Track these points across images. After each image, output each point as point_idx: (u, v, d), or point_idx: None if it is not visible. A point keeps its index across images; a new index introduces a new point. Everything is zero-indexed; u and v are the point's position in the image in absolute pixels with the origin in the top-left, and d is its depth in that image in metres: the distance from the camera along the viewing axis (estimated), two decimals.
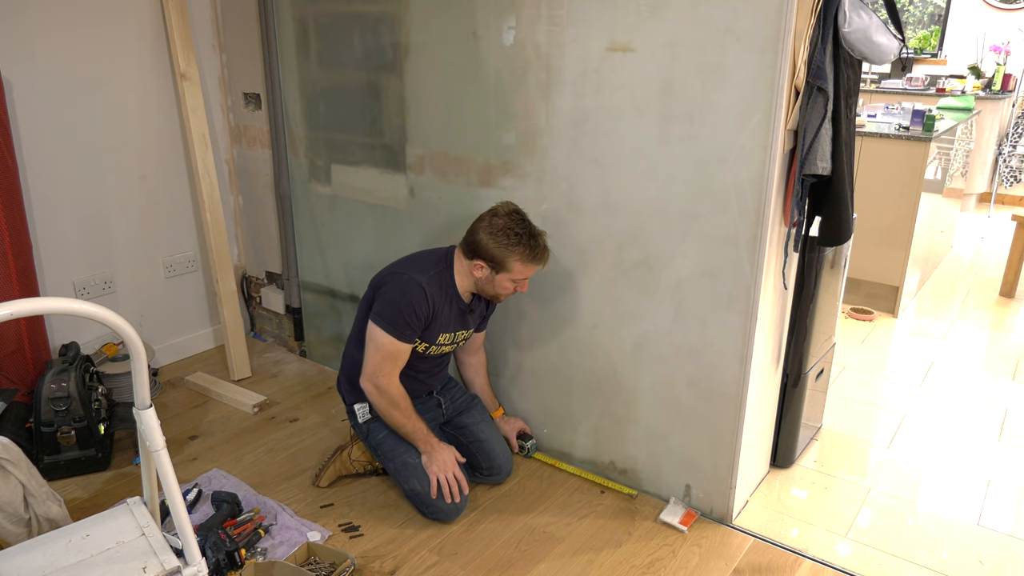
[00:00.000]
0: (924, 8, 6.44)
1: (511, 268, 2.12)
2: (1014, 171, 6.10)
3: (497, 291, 2.20)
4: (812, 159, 1.96)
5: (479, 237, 2.11)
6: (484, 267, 2.14)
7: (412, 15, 2.47)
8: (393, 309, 2.13)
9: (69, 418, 2.42)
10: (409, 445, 2.27)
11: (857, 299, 4.00)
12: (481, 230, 2.12)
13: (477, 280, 2.19)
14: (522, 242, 2.10)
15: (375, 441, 2.32)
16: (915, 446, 2.73)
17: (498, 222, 2.10)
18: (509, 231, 2.09)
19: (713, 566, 2.10)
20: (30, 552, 1.56)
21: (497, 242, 2.09)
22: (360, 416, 2.32)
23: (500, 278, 2.15)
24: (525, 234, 2.10)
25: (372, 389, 2.19)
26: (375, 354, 2.16)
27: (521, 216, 2.14)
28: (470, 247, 2.15)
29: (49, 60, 2.67)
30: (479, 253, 2.12)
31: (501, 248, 2.09)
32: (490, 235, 2.10)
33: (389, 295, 2.15)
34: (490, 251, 2.10)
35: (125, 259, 3.06)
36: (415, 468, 2.24)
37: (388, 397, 2.18)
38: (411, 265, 2.21)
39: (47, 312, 1.31)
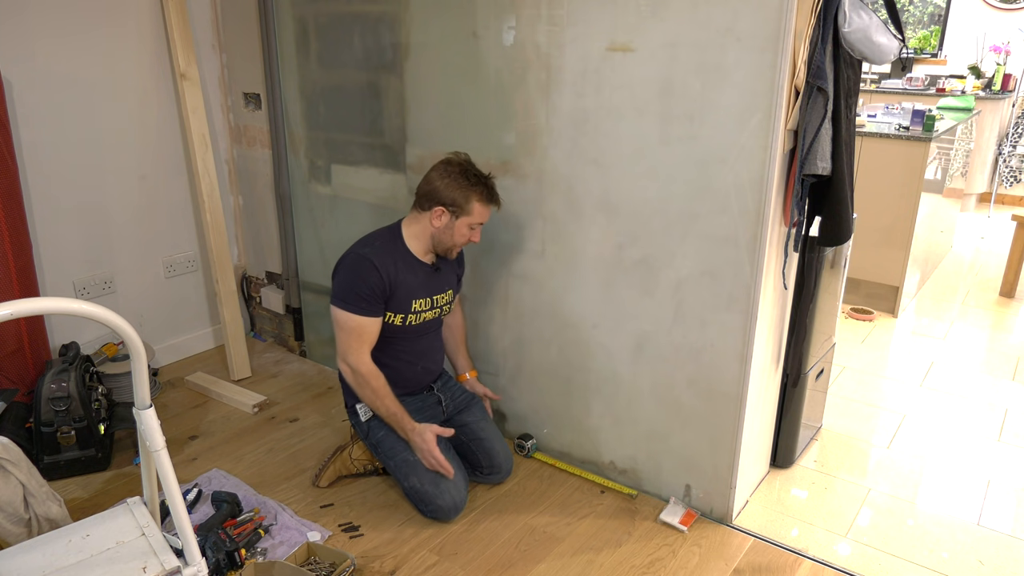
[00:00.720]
0: (924, 8, 6.44)
1: (471, 210, 2.18)
2: (1014, 171, 6.10)
3: (455, 240, 2.23)
4: (812, 159, 1.96)
5: (436, 185, 2.17)
6: (444, 213, 2.18)
7: (412, 15, 2.47)
8: (344, 286, 2.18)
9: (69, 418, 2.42)
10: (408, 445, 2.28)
11: (857, 299, 4.00)
12: (437, 178, 2.17)
13: (435, 232, 2.22)
14: (480, 182, 2.18)
15: (375, 439, 2.32)
16: (915, 446, 2.73)
17: (454, 168, 2.16)
18: (467, 173, 2.16)
19: (713, 566, 2.10)
20: (30, 552, 1.56)
21: (457, 184, 2.15)
22: (362, 415, 2.33)
23: (459, 223, 2.19)
24: (481, 175, 2.19)
25: (346, 368, 2.23)
26: (339, 333, 2.21)
27: (472, 163, 2.21)
28: (427, 196, 2.19)
29: (49, 60, 2.67)
30: (438, 199, 2.17)
31: (462, 190, 2.15)
32: (449, 180, 2.15)
33: (340, 275, 2.21)
34: (451, 194, 2.15)
35: (125, 259, 3.06)
36: (414, 465, 2.24)
37: (360, 376, 2.21)
38: (358, 243, 2.26)
39: (47, 312, 1.31)
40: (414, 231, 2.26)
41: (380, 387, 2.23)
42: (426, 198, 2.20)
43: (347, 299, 2.18)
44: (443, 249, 2.27)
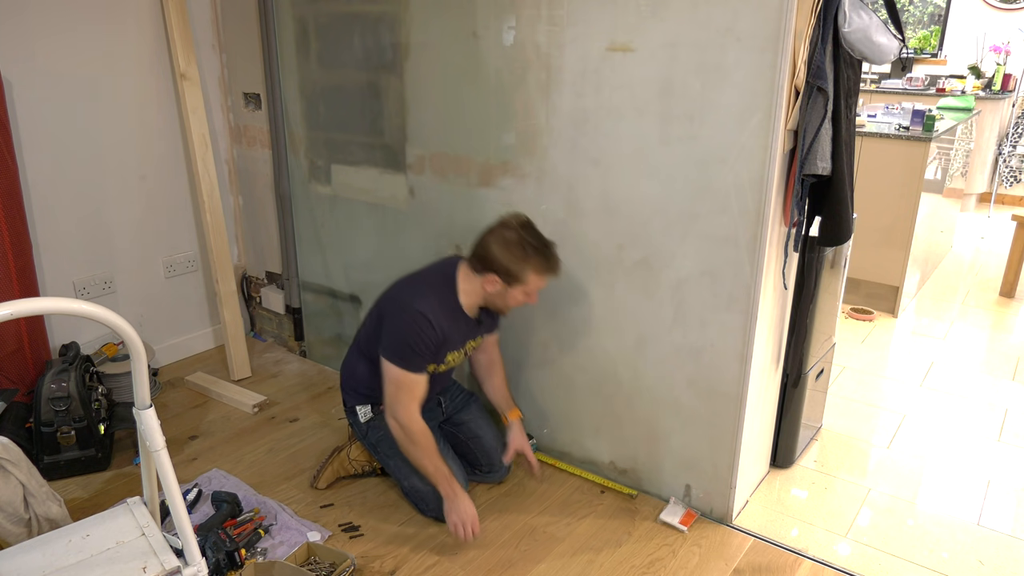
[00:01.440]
0: (924, 8, 6.44)
1: (526, 280, 2.07)
2: (1014, 171, 6.10)
3: (508, 304, 2.15)
4: (812, 159, 1.96)
5: (492, 252, 2.05)
6: (498, 281, 2.08)
7: (412, 15, 2.47)
8: (400, 343, 2.08)
9: (69, 418, 2.42)
10: None
11: (857, 299, 4.00)
12: (493, 244, 2.06)
13: (488, 295, 2.13)
14: (537, 254, 2.05)
15: (375, 439, 2.31)
16: (915, 446, 2.73)
17: (511, 235, 2.04)
18: (524, 243, 2.04)
19: (713, 566, 2.10)
20: (30, 552, 1.56)
21: (512, 255, 2.03)
22: (362, 416, 2.31)
23: (513, 291, 2.09)
24: (539, 246, 2.06)
25: (394, 424, 2.13)
26: (390, 386, 2.11)
27: (532, 227, 2.09)
28: (481, 262, 2.08)
29: (49, 60, 2.67)
30: (492, 267, 2.06)
31: (516, 261, 2.04)
32: (504, 248, 2.04)
33: (395, 328, 2.09)
34: (504, 265, 2.04)
35: (125, 259, 3.06)
36: None
37: (408, 433, 2.11)
38: (413, 290, 2.14)
39: (47, 312, 1.31)
40: (467, 288, 2.14)
41: (429, 446, 2.13)
42: (480, 262, 2.08)
43: (403, 356, 2.07)
44: (495, 308, 2.21)
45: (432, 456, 2.13)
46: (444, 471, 2.13)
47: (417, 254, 2.75)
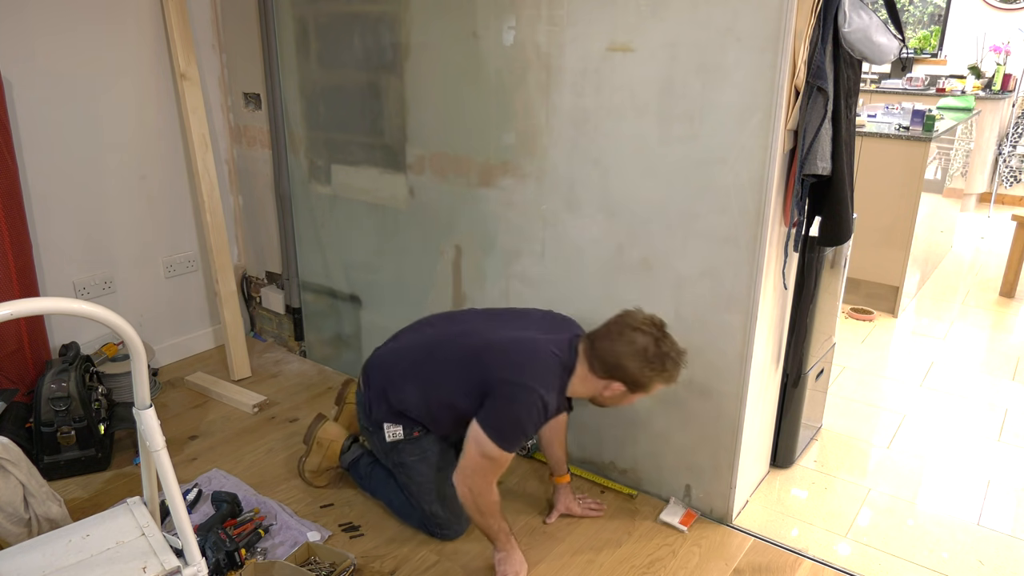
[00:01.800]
0: (924, 8, 6.44)
1: (649, 390, 1.95)
2: (1014, 171, 6.10)
3: (621, 405, 2.03)
4: (812, 159, 1.96)
5: (623, 362, 1.89)
6: (622, 389, 1.94)
7: (412, 15, 2.47)
8: (513, 425, 1.92)
9: (69, 418, 2.42)
10: (442, 475, 2.14)
11: (857, 299, 4.00)
12: (626, 354, 1.89)
13: (602, 398, 1.99)
14: (669, 368, 1.91)
15: (399, 460, 2.17)
16: (915, 446, 2.73)
17: (646, 344, 1.88)
18: (662, 357, 1.89)
19: (713, 566, 2.10)
20: (30, 552, 1.56)
21: (648, 367, 1.89)
22: (389, 435, 2.13)
23: (632, 397, 1.98)
24: (676, 356, 1.92)
25: (466, 492, 1.97)
26: (479, 459, 1.93)
27: (665, 334, 1.93)
28: (608, 369, 1.92)
29: (49, 60, 2.67)
30: (620, 377, 1.92)
31: (652, 373, 1.90)
32: (638, 360, 1.88)
33: (511, 408, 1.92)
34: (635, 377, 1.90)
35: (125, 259, 3.06)
36: (443, 495, 2.15)
37: (480, 505, 1.98)
38: (535, 371, 1.93)
39: (47, 312, 1.31)
40: (579, 387, 1.99)
41: (496, 511, 2.01)
42: (604, 367, 1.92)
43: (509, 439, 1.91)
44: (600, 404, 2.05)
45: (496, 518, 2.01)
46: (505, 528, 2.04)
47: (417, 254, 2.75)
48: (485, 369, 1.97)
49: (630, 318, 1.94)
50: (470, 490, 1.97)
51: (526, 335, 2.03)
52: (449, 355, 2.07)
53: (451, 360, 2.05)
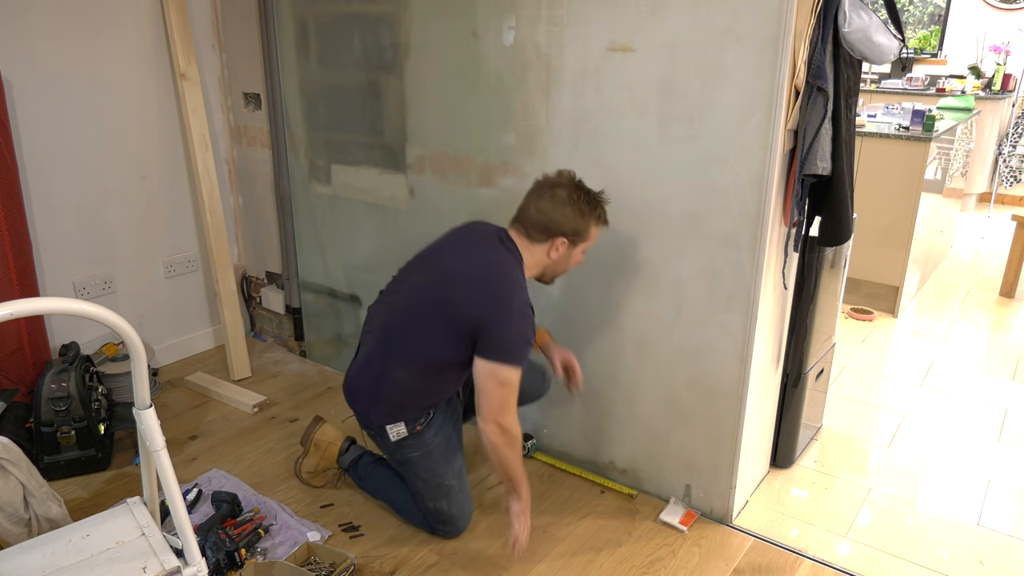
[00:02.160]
0: (924, 8, 6.44)
1: (589, 236, 2.02)
2: (1014, 171, 6.10)
3: (568, 267, 2.06)
4: (812, 159, 1.96)
5: (554, 216, 1.96)
6: (565, 243, 1.99)
7: (412, 15, 2.47)
8: (519, 342, 1.93)
9: (69, 418, 2.42)
10: (448, 467, 2.13)
11: (857, 299, 4.00)
12: (553, 208, 1.96)
13: (550, 263, 2.03)
14: (597, 205, 2.00)
15: (405, 457, 2.12)
16: (915, 446, 2.73)
17: (565, 193, 1.96)
18: (583, 199, 1.97)
19: (713, 566, 2.10)
20: (30, 552, 1.56)
21: (577, 212, 1.96)
22: (393, 435, 2.09)
23: (576, 251, 2.03)
24: (595, 197, 2.00)
25: (496, 430, 1.93)
26: (500, 392, 1.91)
27: (582, 183, 2.01)
28: (545, 229, 1.97)
29: (49, 60, 2.67)
30: (559, 231, 1.97)
31: (581, 218, 1.97)
32: (566, 208, 1.95)
33: (510, 331, 1.92)
34: (572, 224, 1.97)
35: (125, 259, 3.06)
36: (449, 490, 2.13)
37: (511, 437, 1.95)
38: (501, 281, 1.95)
39: (47, 312, 1.31)
40: (529, 261, 2.02)
41: (520, 445, 2.00)
42: (541, 229, 1.98)
43: (520, 354, 1.92)
44: (549, 277, 2.10)
45: (519, 462, 2.00)
46: (525, 474, 2.03)
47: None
48: (460, 310, 1.93)
49: (544, 180, 2.01)
50: (499, 426, 1.93)
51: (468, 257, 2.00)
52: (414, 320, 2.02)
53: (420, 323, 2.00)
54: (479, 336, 1.92)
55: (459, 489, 2.17)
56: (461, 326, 1.93)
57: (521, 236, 2.01)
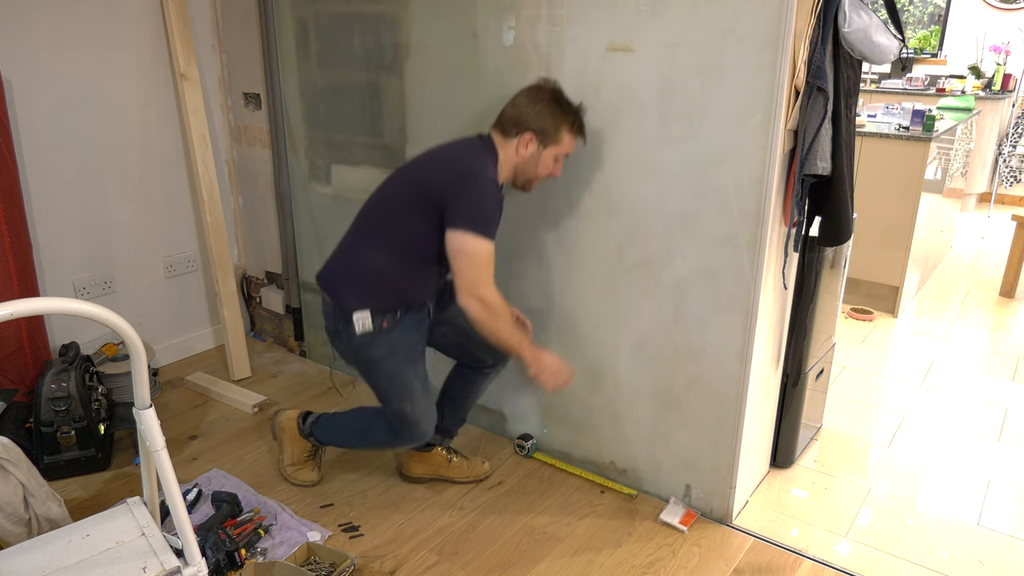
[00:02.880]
0: (924, 8, 6.44)
1: (560, 140, 2.03)
2: (1014, 171, 6.10)
3: (538, 171, 2.07)
4: (812, 159, 1.96)
5: (525, 110, 2.00)
6: (533, 141, 2.01)
7: (412, 15, 2.47)
8: (483, 213, 1.96)
9: (69, 418, 2.42)
10: (412, 368, 2.12)
11: (857, 299, 4.00)
12: (526, 103, 2.00)
13: (520, 162, 2.04)
14: (572, 110, 2.03)
15: (370, 355, 2.10)
16: (915, 446, 2.73)
17: (543, 94, 2.01)
18: (559, 100, 2.01)
19: (713, 566, 2.10)
20: (30, 552, 1.56)
21: (549, 111, 1.99)
22: (359, 326, 2.06)
23: (547, 153, 2.04)
24: (573, 105, 2.04)
25: (476, 304, 1.97)
26: (472, 266, 1.95)
27: (562, 91, 2.05)
28: (514, 122, 2.01)
29: (49, 60, 2.67)
30: (528, 126, 2.00)
31: (553, 117, 2.00)
32: (540, 104, 1.99)
33: (474, 199, 1.95)
34: (541, 121, 1.99)
35: (125, 259, 3.06)
36: (412, 390, 2.12)
37: (494, 309, 1.98)
38: (470, 160, 2.00)
39: (47, 312, 1.31)
40: (502, 156, 2.05)
41: (508, 315, 2.03)
42: (513, 124, 2.01)
43: (486, 227, 1.94)
44: (522, 181, 2.10)
45: (511, 322, 2.03)
46: (526, 338, 2.06)
47: None
48: (430, 185, 1.99)
49: (529, 85, 2.06)
50: (480, 300, 1.97)
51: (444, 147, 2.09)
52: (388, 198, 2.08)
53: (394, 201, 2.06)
54: (446, 207, 1.96)
55: (422, 391, 2.14)
56: (430, 198, 1.98)
57: (497, 132, 2.06)
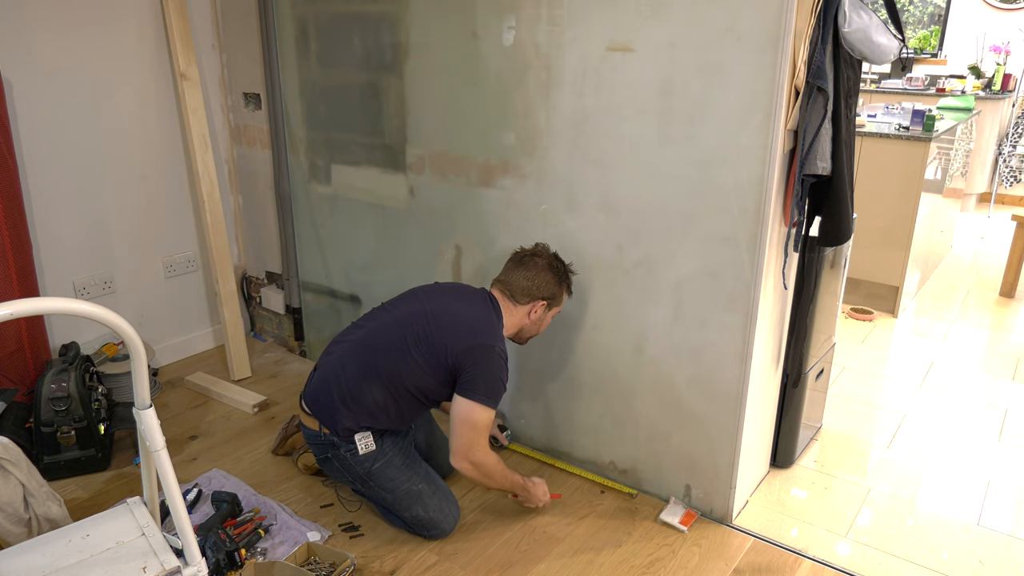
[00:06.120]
0: (924, 8, 6.44)
1: (561, 301, 2.27)
2: (1014, 171, 6.10)
3: (540, 329, 2.29)
4: (812, 159, 1.96)
5: (536, 282, 2.20)
6: (543, 306, 2.22)
7: (412, 15, 2.47)
8: (496, 385, 2.09)
9: (69, 418, 2.42)
10: (412, 473, 2.17)
11: (857, 299, 4.00)
12: (536, 274, 2.20)
13: (527, 324, 2.25)
14: (567, 273, 2.25)
15: (367, 470, 2.15)
16: (915, 446, 2.73)
17: (544, 262, 2.21)
18: (559, 268, 2.22)
19: (713, 566, 2.10)
20: (30, 552, 1.56)
21: (555, 279, 2.21)
22: (362, 447, 2.13)
23: (549, 315, 2.27)
24: (565, 265, 2.26)
25: (469, 467, 2.10)
26: (471, 433, 2.07)
27: (557, 255, 2.26)
28: (526, 292, 2.20)
29: (49, 60, 2.67)
30: (539, 295, 2.20)
31: (559, 283, 2.23)
32: (548, 274, 2.20)
33: (489, 373, 2.08)
34: (551, 289, 2.21)
35: (125, 259, 3.06)
36: (419, 495, 2.15)
37: (485, 470, 2.12)
38: (484, 331, 2.11)
39: (47, 312, 1.31)
40: (509, 321, 2.23)
41: (501, 468, 2.16)
42: (524, 293, 2.20)
43: (495, 396, 2.09)
44: (524, 337, 2.30)
45: (505, 474, 2.18)
46: (516, 478, 2.22)
47: (417, 254, 2.75)
48: (443, 347, 2.08)
49: (523, 253, 2.26)
50: (473, 464, 2.10)
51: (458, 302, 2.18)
52: (396, 346, 2.11)
53: (403, 352, 2.10)
54: (460, 374, 2.08)
55: (430, 492, 2.17)
56: (445, 363, 2.08)
57: (505, 298, 2.23)
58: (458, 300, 2.19)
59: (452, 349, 2.07)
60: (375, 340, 2.16)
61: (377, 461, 2.15)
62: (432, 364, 2.08)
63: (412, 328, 2.11)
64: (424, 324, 2.11)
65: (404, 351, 2.10)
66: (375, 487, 2.17)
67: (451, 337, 2.08)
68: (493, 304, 2.20)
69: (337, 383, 2.15)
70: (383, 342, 2.14)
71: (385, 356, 2.12)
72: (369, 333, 2.19)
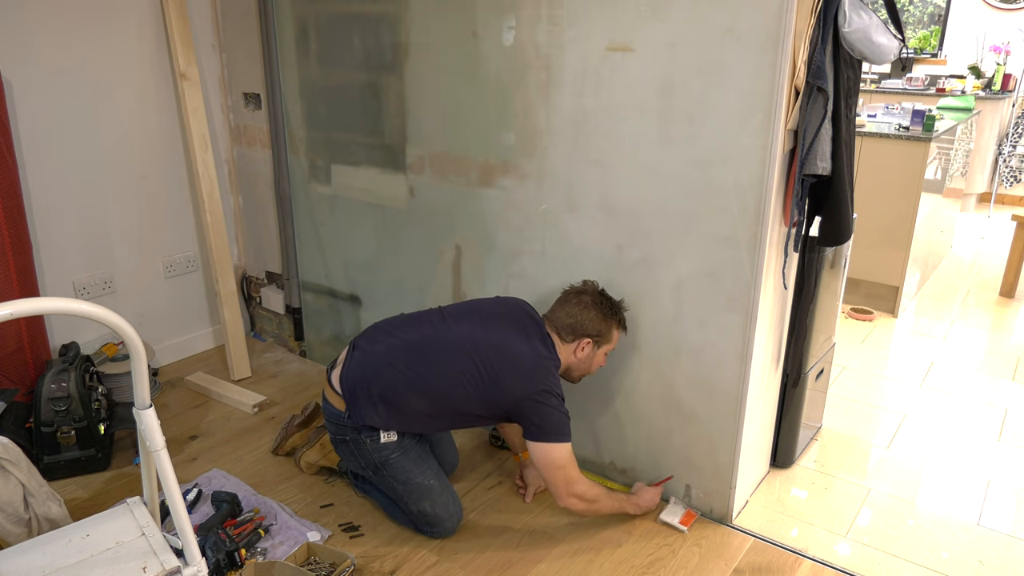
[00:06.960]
0: (924, 8, 6.44)
1: (612, 339, 2.21)
2: (1014, 171, 6.10)
3: (591, 368, 2.23)
4: (812, 159, 1.96)
5: (581, 319, 2.16)
6: (590, 344, 2.17)
7: (412, 15, 2.47)
8: (561, 422, 2.09)
9: (69, 418, 2.42)
10: (426, 467, 2.17)
11: (857, 299, 4.00)
12: (581, 311, 2.16)
13: (576, 362, 2.20)
14: (619, 312, 2.20)
15: (383, 458, 2.14)
16: (915, 446, 2.73)
17: (591, 299, 2.17)
18: (608, 305, 2.18)
19: (713, 566, 2.10)
20: (30, 552, 1.56)
21: (601, 316, 2.16)
22: (384, 437, 2.13)
23: (599, 352, 2.21)
24: (617, 305, 2.21)
25: (576, 502, 2.12)
26: (559, 472, 2.08)
27: (605, 291, 2.22)
28: (573, 330, 2.16)
29: (49, 60, 2.68)
30: (585, 332, 2.16)
31: (606, 320, 2.17)
32: (594, 311, 2.16)
33: (551, 412, 2.07)
34: (597, 327, 2.16)
35: (125, 259, 3.06)
36: (429, 490, 2.16)
37: (591, 499, 2.14)
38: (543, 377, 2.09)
39: (47, 312, 1.31)
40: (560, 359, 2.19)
41: (603, 494, 2.18)
42: (570, 331, 2.17)
43: (565, 431, 2.08)
44: (575, 376, 2.25)
45: (609, 500, 2.20)
46: (620, 500, 2.24)
47: (417, 254, 2.75)
48: (501, 391, 2.07)
49: (570, 290, 2.23)
50: (577, 497, 2.11)
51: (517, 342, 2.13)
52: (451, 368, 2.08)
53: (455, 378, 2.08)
54: (522, 419, 2.08)
55: (439, 489, 2.18)
56: (500, 401, 2.09)
57: (554, 336, 2.19)
58: (518, 334, 2.14)
59: (511, 394, 2.06)
60: (429, 352, 2.12)
61: (395, 452, 2.15)
62: (487, 401, 2.09)
63: (471, 359, 2.08)
64: (483, 360, 2.08)
65: (459, 380, 2.08)
66: (388, 476, 2.17)
67: (510, 382, 2.07)
68: (548, 345, 2.16)
69: (380, 381, 2.10)
70: (437, 361, 2.10)
71: (438, 376, 2.09)
72: (425, 341, 2.14)
